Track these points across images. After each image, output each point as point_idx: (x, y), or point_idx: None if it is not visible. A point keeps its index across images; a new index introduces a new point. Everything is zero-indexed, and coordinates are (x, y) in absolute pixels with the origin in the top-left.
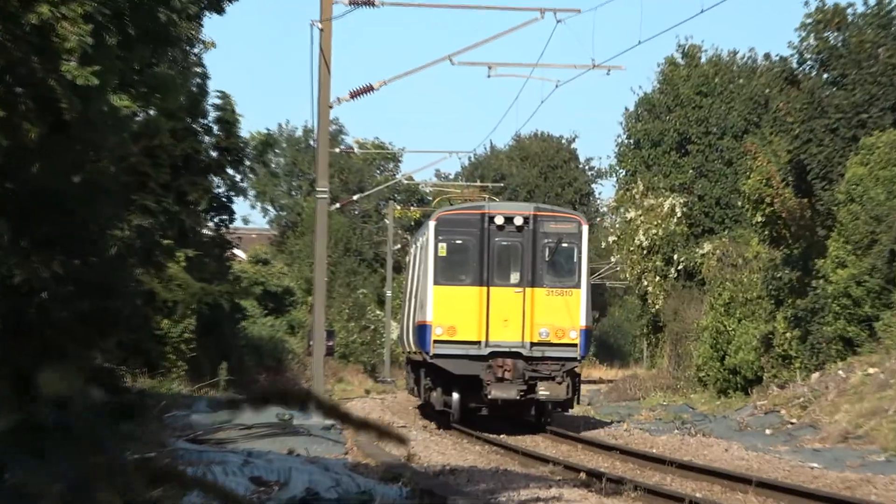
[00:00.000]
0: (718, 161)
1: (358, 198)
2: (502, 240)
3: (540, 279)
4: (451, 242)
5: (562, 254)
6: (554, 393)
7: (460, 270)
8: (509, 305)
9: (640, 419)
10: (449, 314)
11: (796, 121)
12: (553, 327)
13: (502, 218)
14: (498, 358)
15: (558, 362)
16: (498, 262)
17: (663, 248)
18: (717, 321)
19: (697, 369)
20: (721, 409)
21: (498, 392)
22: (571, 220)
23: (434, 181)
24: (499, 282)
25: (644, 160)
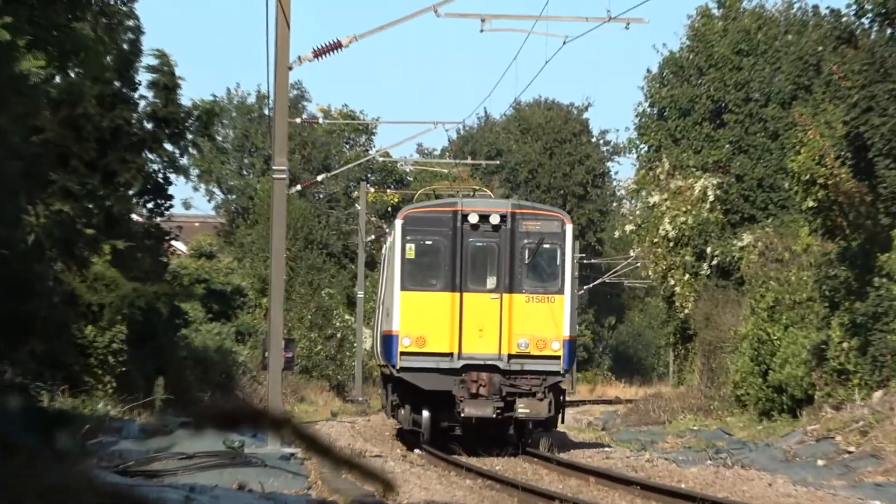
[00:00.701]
0: (761, 134)
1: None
2: (477, 240)
3: (519, 284)
4: (419, 243)
5: (543, 256)
6: (534, 410)
7: (430, 274)
8: (485, 313)
9: (665, 447)
10: (418, 323)
11: (854, 86)
12: (533, 338)
13: (477, 216)
14: (472, 372)
15: (539, 377)
16: (472, 265)
17: (694, 239)
18: (759, 328)
19: (735, 387)
20: (763, 434)
21: (472, 409)
22: (553, 218)
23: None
24: (473, 287)
25: (670, 133)
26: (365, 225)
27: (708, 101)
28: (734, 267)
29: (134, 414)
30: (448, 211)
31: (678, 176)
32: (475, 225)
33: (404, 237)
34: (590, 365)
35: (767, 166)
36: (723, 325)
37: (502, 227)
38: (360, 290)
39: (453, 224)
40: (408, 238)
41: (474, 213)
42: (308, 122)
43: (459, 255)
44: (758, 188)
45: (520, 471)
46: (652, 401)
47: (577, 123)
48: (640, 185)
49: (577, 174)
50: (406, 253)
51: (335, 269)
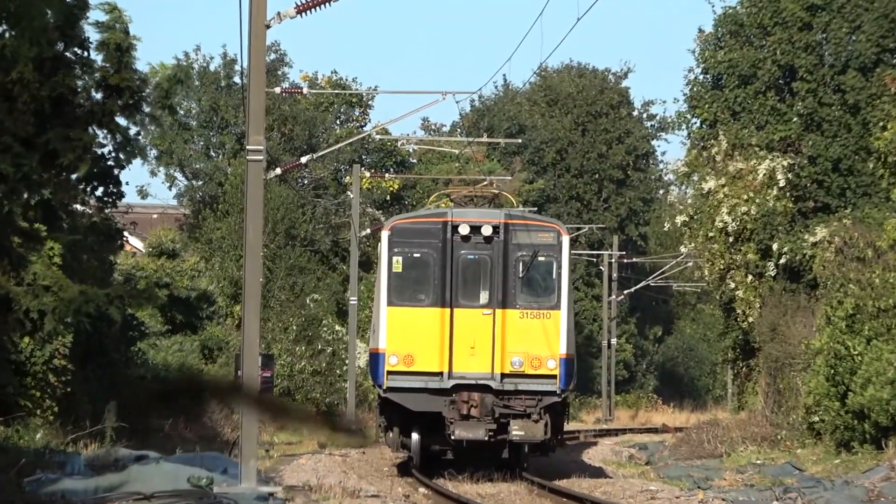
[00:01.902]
0: (838, 106)
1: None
2: (468, 253)
3: (512, 299)
4: (407, 256)
5: (538, 269)
6: (529, 433)
7: (418, 289)
8: (476, 330)
9: (722, 485)
10: (405, 340)
11: None
12: (528, 356)
13: (468, 227)
14: (463, 392)
15: (534, 397)
16: (463, 279)
17: (757, 233)
18: (837, 341)
19: (807, 412)
20: (842, 469)
21: (463, 432)
22: (549, 229)
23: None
24: (464, 302)
25: (728, 105)
26: (359, 217)
27: (773, 67)
28: (806, 267)
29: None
30: (437, 222)
31: (738, 157)
32: (466, 237)
33: (391, 249)
34: (631, 386)
35: (846, 145)
36: (792, 338)
37: (495, 239)
38: (353, 296)
39: (443, 236)
40: (395, 251)
41: (465, 224)
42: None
43: (449, 268)
44: (834, 171)
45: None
46: (706, 429)
47: (616, 94)
48: (691, 168)
49: (616, 155)
50: (393, 266)
51: (323, 271)
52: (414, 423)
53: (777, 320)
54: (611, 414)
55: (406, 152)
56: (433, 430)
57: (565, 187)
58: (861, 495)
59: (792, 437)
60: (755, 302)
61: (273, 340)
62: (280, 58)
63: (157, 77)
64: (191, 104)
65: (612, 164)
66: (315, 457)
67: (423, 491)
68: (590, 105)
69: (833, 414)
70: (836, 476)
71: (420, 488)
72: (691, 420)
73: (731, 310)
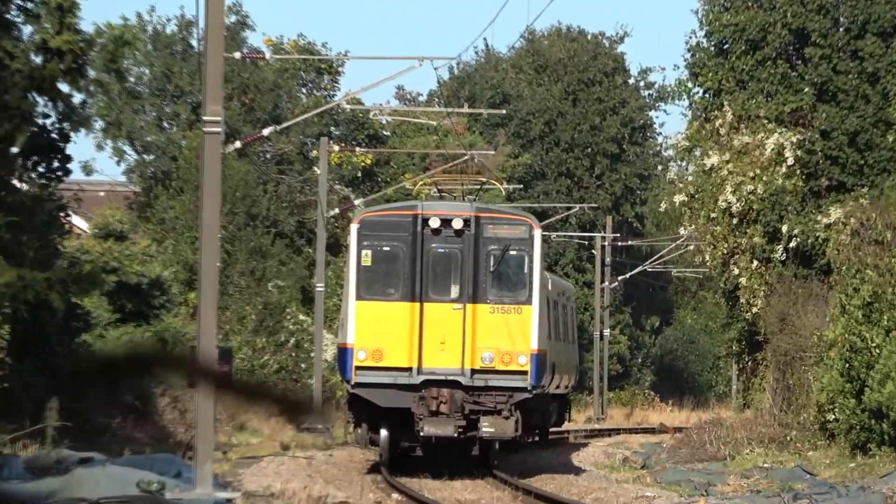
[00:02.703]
0: (854, 75)
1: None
2: (439, 246)
3: (483, 293)
4: (377, 249)
5: (509, 263)
6: (500, 429)
7: (388, 283)
8: (446, 325)
9: (726, 491)
10: (374, 335)
11: None
12: (499, 351)
13: (438, 220)
14: (432, 388)
15: (505, 393)
16: (433, 272)
17: (765, 214)
18: (852, 333)
19: (819, 410)
20: (857, 474)
21: (432, 428)
22: (521, 222)
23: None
24: (434, 296)
25: (734, 73)
26: (326, 195)
27: (784, 31)
28: (818, 251)
29: (18, 447)
30: (407, 215)
31: (744, 130)
32: (436, 230)
33: (360, 243)
34: (626, 381)
35: (863, 117)
36: (803, 329)
37: (465, 233)
38: (320, 282)
39: (413, 229)
40: (364, 244)
41: (435, 217)
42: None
43: (419, 262)
44: (850, 146)
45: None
46: (708, 429)
47: (610, 60)
48: (693, 142)
49: (610, 127)
50: (362, 260)
51: (287, 254)
52: (383, 419)
53: (786, 310)
54: (603, 412)
55: (379, 124)
56: (402, 427)
57: (554, 163)
58: (878, 502)
59: (803, 438)
60: (762, 290)
61: (232, 332)
62: (241, 20)
63: (104, 39)
64: (142, 70)
65: (605, 137)
66: (278, 459)
67: (397, 497)
68: (581, 72)
69: (848, 413)
70: (851, 481)
71: (393, 494)
72: (692, 419)
73: (735, 298)
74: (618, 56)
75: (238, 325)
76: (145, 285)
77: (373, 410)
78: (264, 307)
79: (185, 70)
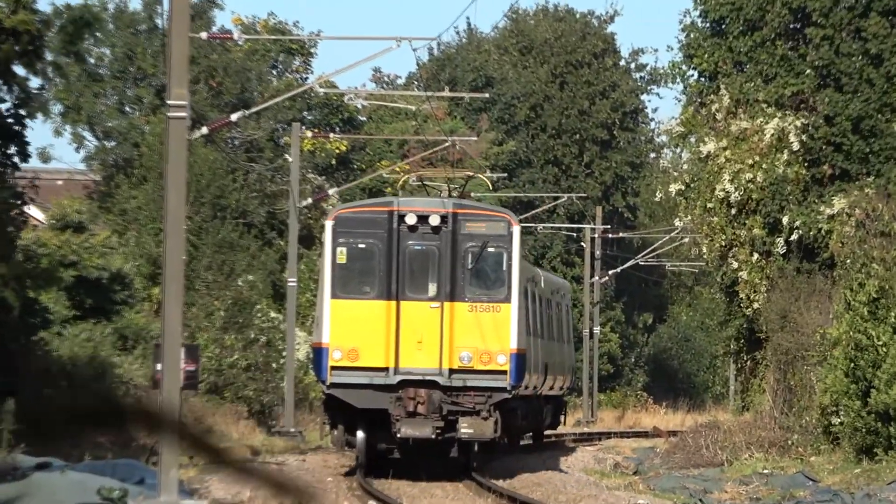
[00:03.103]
0: (858, 56)
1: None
2: (415, 243)
3: (461, 292)
4: (352, 247)
5: (488, 260)
6: (478, 431)
7: (364, 281)
8: (424, 323)
9: (724, 499)
10: (350, 334)
11: None
12: (477, 350)
13: (415, 217)
14: (409, 388)
15: (483, 393)
16: (410, 270)
17: (765, 204)
18: (858, 330)
19: (823, 413)
20: (863, 480)
21: (409, 430)
22: (499, 219)
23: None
24: (411, 295)
25: (731, 54)
26: (299, 184)
27: (784, 10)
28: (822, 244)
29: None
30: (383, 211)
31: (742, 115)
32: (413, 226)
33: (335, 240)
34: (617, 382)
35: (868, 101)
36: (806, 326)
37: (443, 229)
38: (292, 277)
39: (389, 226)
40: (339, 241)
41: (412, 213)
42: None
43: (396, 259)
44: (854, 132)
45: None
46: (705, 433)
47: (600, 41)
48: (688, 128)
49: (600, 112)
50: (337, 257)
51: (257, 247)
52: (359, 420)
53: (788, 306)
54: (593, 415)
55: (354, 109)
56: (379, 428)
57: (540, 150)
58: None
59: (805, 442)
60: (762, 284)
61: (198, 329)
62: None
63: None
64: (103, 51)
65: (594, 122)
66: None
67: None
68: (569, 54)
69: (853, 415)
70: (856, 488)
71: (370, 502)
72: (687, 422)
73: (733, 294)
74: (608, 36)
75: (205, 321)
76: (105, 280)
77: (349, 412)
78: (233, 303)
79: (148, 51)
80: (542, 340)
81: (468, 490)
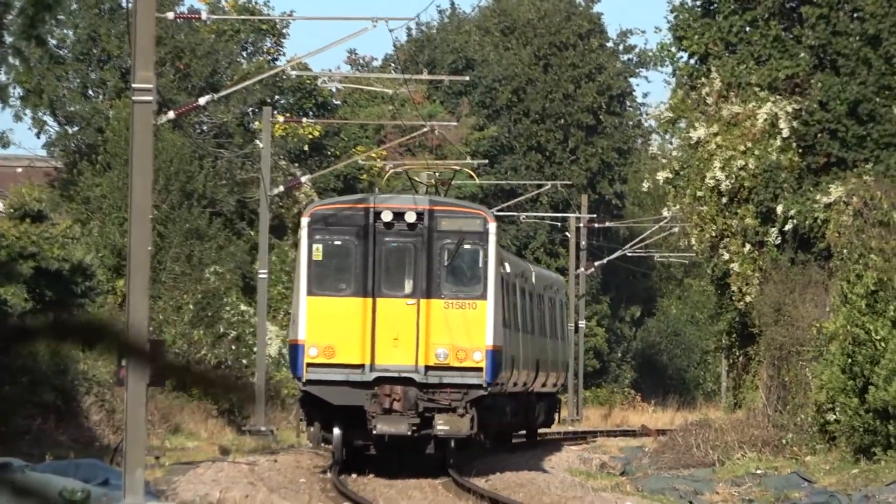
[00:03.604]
0: (855, 38)
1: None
2: (392, 240)
3: (437, 288)
4: (328, 243)
5: (464, 257)
6: (455, 428)
7: (339, 278)
8: (400, 321)
9: (715, 500)
10: (326, 331)
11: None
12: (453, 347)
13: (391, 213)
14: (385, 385)
15: (460, 390)
16: (386, 267)
17: (758, 192)
18: (855, 324)
19: (818, 410)
20: (860, 481)
21: (385, 426)
22: (475, 216)
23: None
24: (387, 292)
25: (722, 36)
26: (270, 171)
27: None
28: (817, 234)
29: None
30: (359, 208)
31: (734, 99)
32: (389, 223)
33: (311, 237)
34: (603, 378)
35: (865, 84)
36: (801, 320)
37: (419, 226)
38: (263, 268)
39: (365, 222)
40: (315, 238)
41: (388, 210)
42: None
43: (372, 256)
44: (850, 117)
45: None
46: (695, 431)
47: (586, 21)
48: (677, 113)
49: (585, 96)
50: (313, 254)
51: (226, 237)
52: (336, 417)
53: (782, 299)
54: (578, 413)
55: (328, 92)
56: (356, 425)
57: (523, 135)
58: None
59: (800, 441)
60: (755, 276)
61: (166, 323)
62: None
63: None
64: (65, 32)
65: (580, 106)
66: (216, 465)
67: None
68: (553, 35)
69: (850, 413)
70: (853, 489)
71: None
72: (677, 420)
73: (725, 286)
74: (594, 17)
75: (173, 315)
76: (67, 271)
77: (325, 409)
78: (202, 296)
79: (113, 32)
80: (533, 337)
81: (447, 491)
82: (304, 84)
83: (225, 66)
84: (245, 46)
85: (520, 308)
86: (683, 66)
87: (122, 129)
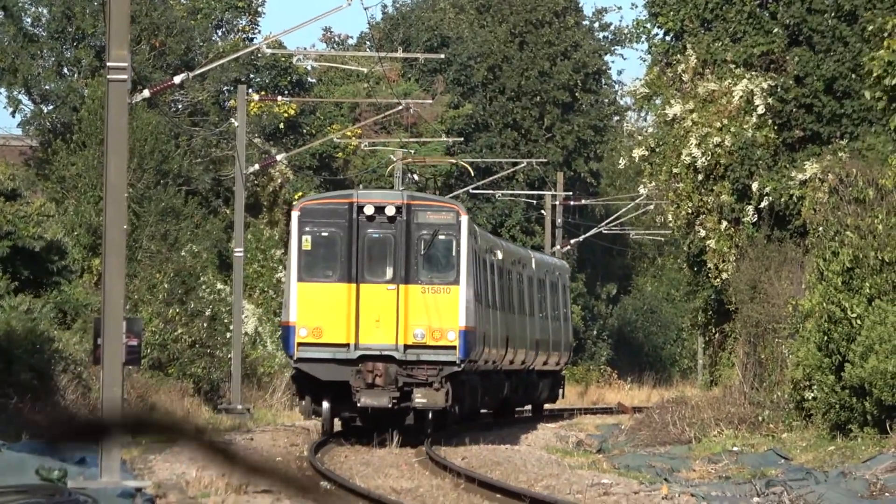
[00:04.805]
0: (831, 14)
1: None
2: (374, 232)
3: (415, 275)
4: (316, 235)
5: (438, 247)
6: (431, 400)
7: (327, 266)
8: (381, 304)
9: (691, 478)
10: (314, 314)
11: None
12: (430, 328)
13: (373, 208)
14: (368, 362)
15: (436, 367)
16: (369, 256)
17: (733, 170)
18: (831, 301)
19: (794, 388)
20: (837, 458)
21: (368, 399)
22: (448, 209)
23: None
24: (370, 278)
25: (698, 13)
26: (245, 150)
27: None
28: (793, 211)
29: None
30: (344, 202)
31: (710, 76)
32: (371, 216)
33: (300, 229)
34: (580, 356)
35: (841, 61)
36: (777, 297)
37: (398, 219)
38: (239, 247)
39: (349, 216)
40: (304, 229)
41: (370, 204)
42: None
43: (356, 246)
44: (826, 94)
45: None
46: (672, 409)
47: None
48: (653, 90)
49: (561, 73)
50: (302, 244)
51: (202, 216)
52: (324, 392)
53: (758, 276)
54: None
55: (304, 70)
56: (342, 399)
57: (499, 113)
58: (861, 489)
59: (776, 418)
60: (730, 254)
61: (141, 302)
62: None
63: None
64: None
65: (556, 84)
66: None
67: (326, 485)
68: (529, 12)
69: (826, 390)
70: (830, 466)
71: (321, 482)
72: (653, 398)
73: (701, 263)
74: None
75: (148, 294)
76: (41, 250)
77: (315, 384)
78: (176, 274)
79: (87, 10)
80: (534, 318)
81: (424, 469)
82: (279, 62)
83: (200, 44)
84: (220, 24)
85: (516, 292)
86: (659, 43)
87: (97, 107)
